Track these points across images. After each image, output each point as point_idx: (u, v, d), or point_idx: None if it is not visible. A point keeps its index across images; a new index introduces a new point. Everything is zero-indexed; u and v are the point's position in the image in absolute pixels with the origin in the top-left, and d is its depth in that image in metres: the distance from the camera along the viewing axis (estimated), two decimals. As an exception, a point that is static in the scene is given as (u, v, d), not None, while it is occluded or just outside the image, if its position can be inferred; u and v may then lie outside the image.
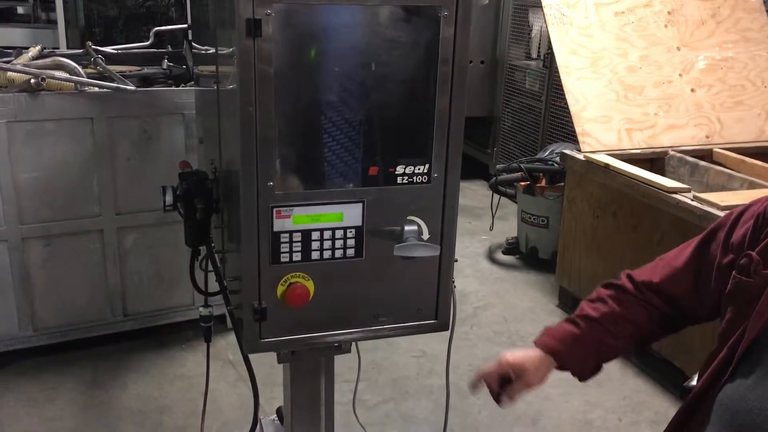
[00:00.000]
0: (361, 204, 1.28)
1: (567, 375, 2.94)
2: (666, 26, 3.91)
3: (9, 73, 2.90)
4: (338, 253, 1.30)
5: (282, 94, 1.18)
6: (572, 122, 3.65)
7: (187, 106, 3.08)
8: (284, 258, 1.27)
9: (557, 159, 4.14)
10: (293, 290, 1.28)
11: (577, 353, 1.48)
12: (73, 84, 2.95)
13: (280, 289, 1.29)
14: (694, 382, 1.57)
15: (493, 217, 4.58)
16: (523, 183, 4.30)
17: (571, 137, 4.47)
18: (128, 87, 2.99)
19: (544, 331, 1.54)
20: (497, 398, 1.51)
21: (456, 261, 1.40)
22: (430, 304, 1.40)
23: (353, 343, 1.65)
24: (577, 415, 2.95)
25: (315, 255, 1.29)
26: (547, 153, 4.34)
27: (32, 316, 3.12)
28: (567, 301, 3.81)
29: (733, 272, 1.33)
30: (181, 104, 3.10)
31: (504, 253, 4.60)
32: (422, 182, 1.31)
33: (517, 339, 3.53)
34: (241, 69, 1.14)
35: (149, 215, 3.14)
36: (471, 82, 5.74)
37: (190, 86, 3.13)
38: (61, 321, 3.19)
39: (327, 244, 1.29)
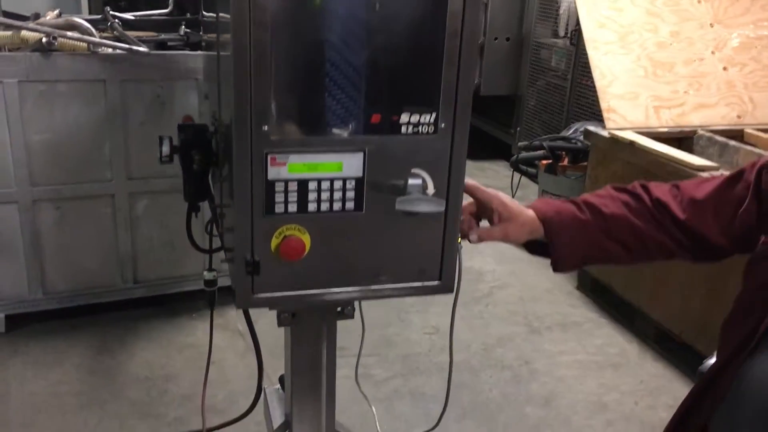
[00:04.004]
0: (361, 153, 1.20)
1: (582, 356, 2.89)
2: (699, 1, 3.76)
3: (22, 33, 2.86)
4: (336, 206, 1.22)
5: (279, 30, 1.10)
6: (598, 101, 3.53)
7: (200, 71, 3.02)
8: (279, 209, 1.20)
9: (581, 137, 4.03)
10: (288, 243, 1.21)
11: (568, 234, 1.33)
12: (86, 45, 2.90)
13: (275, 241, 1.22)
14: (711, 361, 1.47)
15: (513, 196, 4.47)
16: (544, 161, 4.20)
17: (597, 117, 4.35)
18: (141, 49, 2.93)
19: (540, 198, 1.41)
20: (464, 232, 1.35)
21: (462, 219, 1.32)
22: (433, 265, 1.31)
23: (357, 309, 1.58)
24: (591, 397, 2.86)
25: (312, 207, 1.21)
26: (570, 131, 4.23)
27: (42, 279, 3.10)
28: (586, 283, 3.71)
29: (762, 237, 1.24)
30: (195, 69, 3.04)
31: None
32: (428, 132, 1.22)
33: (534, 319, 3.45)
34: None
35: (161, 181, 3.09)
36: (495, 59, 5.66)
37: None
38: (71, 286, 3.17)
39: (325, 196, 1.21)
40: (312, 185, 1.21)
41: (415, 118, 1.21)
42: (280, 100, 1.15)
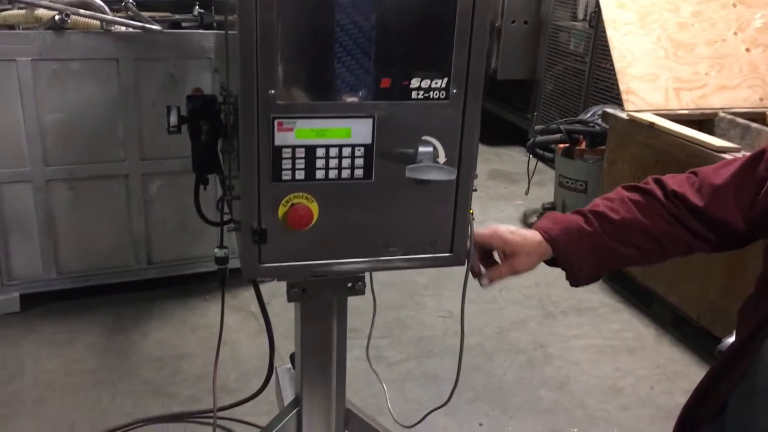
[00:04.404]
0: (371, 120, 1.17)
1: (597, 341, 2.85)
2: (722, -19, 3.68)
3: (36, 12, 2.85)
4: (345, 174, 1.19)
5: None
6: (617, 85, 3.47)
7: (213, 51, 3.00)
8: (286, 176, 1.17)
9: (598, 120, 3.97)
10: (295, 211, 1.18)
11: (578, 249, 1.30)
12: (99, 23, 2.89)
13: (282, 210, 1.19)
14: (730, 340, 1.44)
15: (529, 181, 4.44)
16: (561, 145, 4.13)
17: (615, 101, 4.28)
18: (154, 27, 2.91)
19: (547, 215, 1.39)
20: (477, 275, 1.33)
21: (475, 191, 1.28)
22: (445, 236, 1.28)
23: (368, 283, 1.55)
24: (606, 381, 2.82)
25: (320, 174, 1.18)
26: (588, 115, 4.16)
27: (56, 259, 3.11)
28: (603, 267, 3.66)
29: None
30: (208, 48, 3.02)
31: (539, 218, 4.44)
32: (439, 98, 1.18)
33: (549, 304, 3.41)
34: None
35: (175, 162, 3.07)
36: (513, 43, 5.59)
37: (217, 30, 3.05)
38: (85, 266, 3.17)
39: (333, 163, 1.18)
40: (320, 152, 1.18)
41: (426, 83, 1.18)
42: (287, 62, 1.12)
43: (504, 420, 2.57)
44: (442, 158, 1.22)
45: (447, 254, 1.30)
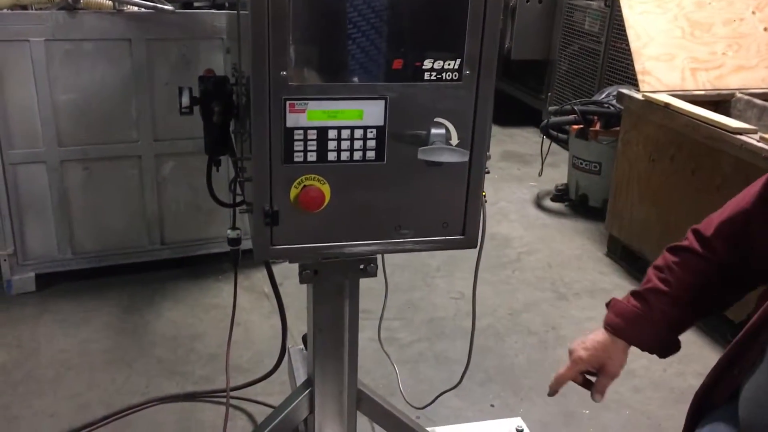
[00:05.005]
0: (383, 101, 1.16)
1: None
2: (740, -41, 3.62)
3: (48, -9, 2.85)
4: (357, 156, 1.19)
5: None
6: (632, 65, 3.43)
7: (225, 31, 2.99)
8: (298, 158, 1.17)
9: (613, 101, 3.93)
10: (307, 193, 1.18)
11: (646, 332, 1.39)
12: (111, 3, 2.88)
13: (294, 192, 1.19)
14: None
15: (542, 162, 4.41)
16: (575, 126, 4.10)
17: (631, 82, 4.23)
18: (166, 7, 2.90)
19: (611, 304, 1.43)
20: (592, 395, 1.45)
21: (487, 172, 1.28)
22: (457, 218, 1.27)
23: (380, 265, 1.55)
24: (619, 364, 2.81)
25: (332, 156, 1.18)
26: (603, 96, 4.12)
27: (71, 239, 3.13)
28: (616, 249, 3.64)
29: None
30: (221, 28, 3.01)
31: (552, 200, 4.43)
32: (452, 80, 1.17)
33: (561, 285, 3.40)
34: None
35: (188, 143, 3.08)
36: (527, 23, 5.53)
37: (230, 10, 3.04)
38: (99, 246, 3.19)
39: (345, 145, 1.18)
40: (332, 133, 1.18)
41: (438, 65, 1.17)
42: (299, 44, 1.11)
43: (515, 401, 2.58)
44: (454, 140, 1.22)
45: (459, 237, 1.30)
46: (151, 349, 2.81)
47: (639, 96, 3.32)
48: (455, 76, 1.18)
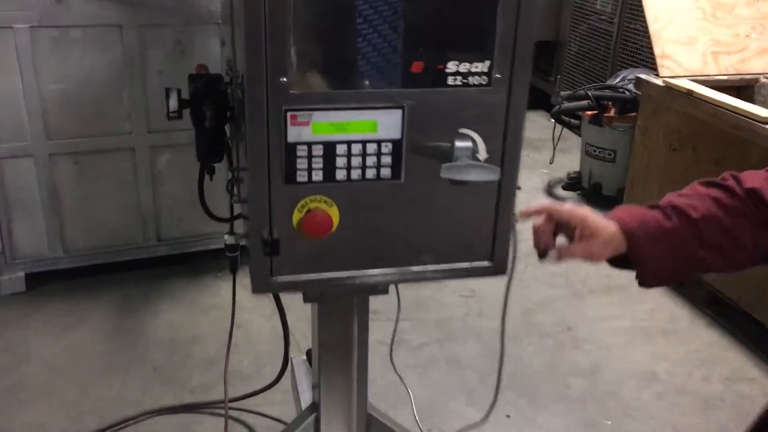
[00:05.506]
0: (400, 111, 1.00)
1: (628, 323, 2.62)
2: (765, -65, 3.42)
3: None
4: (370, 174, 1.02)
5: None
6: (647, 48, 3.27)
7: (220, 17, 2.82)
8: (301, 177, 1.01)
9: (629, 86, 3.75)
10: (312, 218, 1.02)
11: (656, 248, 1.13)
12: (100, -13, 2.71)
13: (297, 216, 1.03)
14: None
15: (554, 149, 4.25)
16: (589, 112, 3.93)
17: (645, 64, 4.06)
18: (158, -9, 2.73)
19: (621, 207, 1.18)
20: (542, 251, 1.16)
21: (519, 188, 1.12)
22: (484, 242, 1.12)
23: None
24: (639, 368, 2.67)
25: (340, 174, 1.02)
26: (618, 80, 3.95)
27: (62, 237, 2.99)
28: (632, 242, 3.49)
29: None
30: (216, 13, 2.84)
31: (564, 188, 4.27)
32: (480, 85, 1.01)
33: (576, 281, 3.25)
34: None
35: (183, 134, 2.91)
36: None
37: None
38: (92, 243, 3.05)
39: (356, 162, 1.01)
40: (341, 149, 1.01)
41: (464, 68, 1.00)
42: (301, 45, 0.95)
43: (532, 411, 2.44)
44: (482, 154, 1.05)
45: (486, 263, 1.15)
46: (146, 353, 2.68)
47: (659, 82, 3.15)
48: (484, 80, 1.01)
